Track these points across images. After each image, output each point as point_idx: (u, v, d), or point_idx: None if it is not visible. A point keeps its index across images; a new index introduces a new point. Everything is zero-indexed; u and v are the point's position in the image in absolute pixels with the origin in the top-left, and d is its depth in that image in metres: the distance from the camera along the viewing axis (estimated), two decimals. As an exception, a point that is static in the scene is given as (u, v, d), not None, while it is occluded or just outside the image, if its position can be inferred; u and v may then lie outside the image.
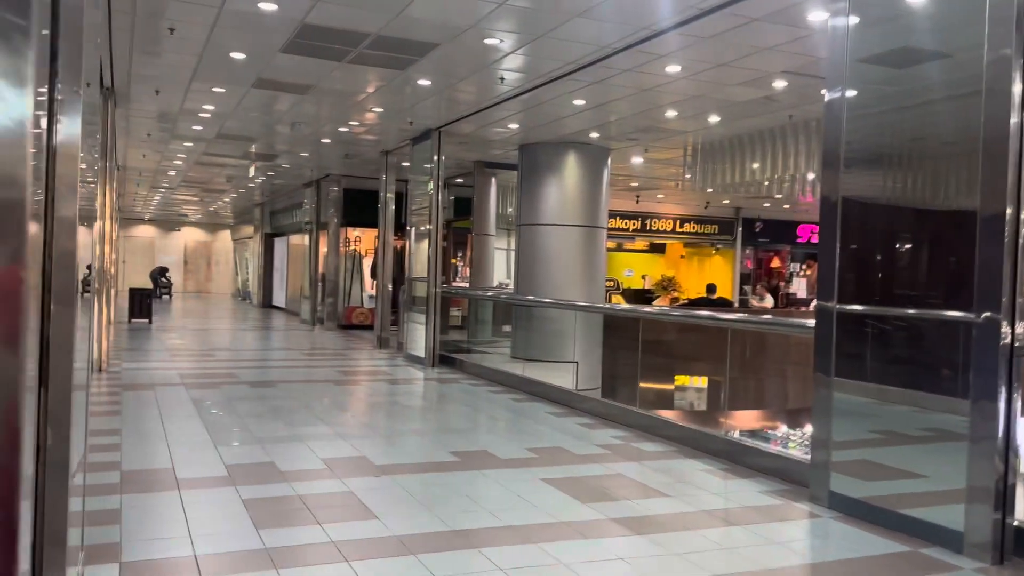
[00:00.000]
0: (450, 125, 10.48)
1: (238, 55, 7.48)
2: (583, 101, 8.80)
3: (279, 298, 23.24)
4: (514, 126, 10.40)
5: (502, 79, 7.95)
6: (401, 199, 13.08)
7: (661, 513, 4.35)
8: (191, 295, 31.89)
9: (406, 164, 12.21)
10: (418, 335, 11.08)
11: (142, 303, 16.40)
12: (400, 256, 13.97)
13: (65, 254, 2.29)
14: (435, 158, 10.81)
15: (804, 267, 22.09)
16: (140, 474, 4.77)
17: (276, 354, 12.59)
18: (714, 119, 9.56)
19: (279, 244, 23.64)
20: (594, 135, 10.72)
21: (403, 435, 6.19)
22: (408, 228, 12.36)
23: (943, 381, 4.15)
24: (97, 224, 9.44)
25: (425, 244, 11.18)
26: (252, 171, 15.98)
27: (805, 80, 7.75)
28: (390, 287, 13.35)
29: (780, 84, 7.92)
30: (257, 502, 4.27)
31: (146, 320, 16.20)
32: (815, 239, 22.30)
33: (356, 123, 10.79)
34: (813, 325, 4.72)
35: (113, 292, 17.32)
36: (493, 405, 7.83)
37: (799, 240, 22.30)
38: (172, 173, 17.61)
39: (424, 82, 8.31)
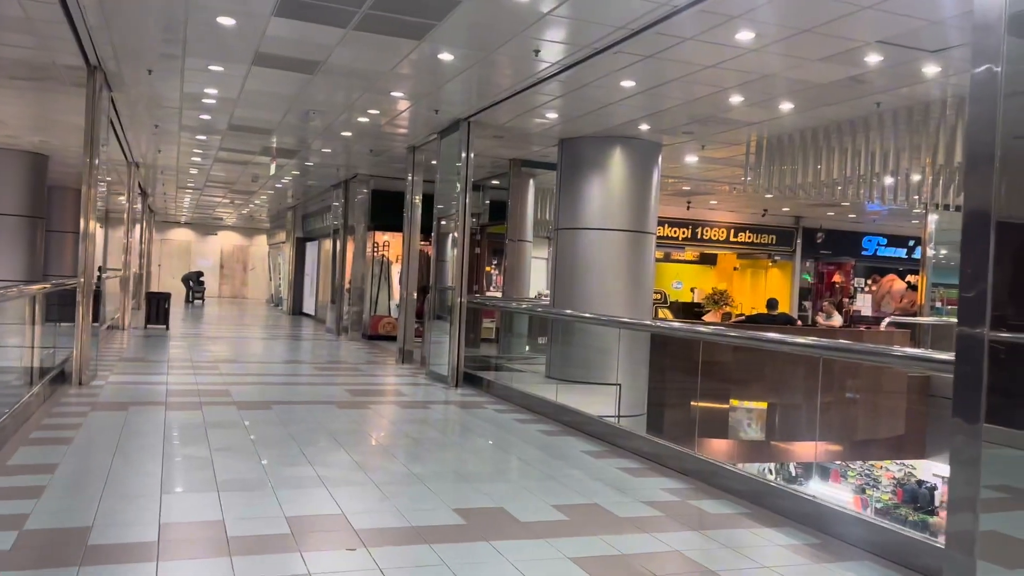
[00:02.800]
0: (481, 114, 9.25)
1: (226, 20, 6.37)
2: (633, 82, 7.52)
3: (309, 305, 22.46)
4: (553, 116, 9.15)
5: (537, 51, 6.71)
6: (430, 201, 11.91)
7: (741, 628, 3.05)
8: (226, 300, 31.27)
9: (435, 162, 11.03)
10: (442, 350, 9.87)
11: (159, 308, 15.56)
12: (428, 263, 12.82)
13: None
14: (464, 154, 9.59)
15: (869, 282, 20.38)
16: (41, 537, 3.61)
17: (285, 367, 11.49)
18: (786, 107, 8.19)
19: (310, 249, 22.87)
20: (644, 127, 9.41)
21: (399, 483, 4.95)
22: (434, 232, 11.21)
23: None
24: (88, 222, 8.39)
25: (453, 250, 9.97)
26: (273, 169, 14.99)
27: (905, 54, 6.39)
28: (415, 296, 12.19)
29: (873, 59, 6.55)
30: (174, 591, 3.09)
31: (163, 326, 15.33)
32: (881, 251, 20.78)
33: (376, 111, 9.64)
34: (950, 358, 3.44)
35: (130, 297, 16.53)
36: (518, 440, 6.56)
37: (864, 252, 20.68)
38: (195, 172, 16.75)
39: (447, 56, 7.10)
